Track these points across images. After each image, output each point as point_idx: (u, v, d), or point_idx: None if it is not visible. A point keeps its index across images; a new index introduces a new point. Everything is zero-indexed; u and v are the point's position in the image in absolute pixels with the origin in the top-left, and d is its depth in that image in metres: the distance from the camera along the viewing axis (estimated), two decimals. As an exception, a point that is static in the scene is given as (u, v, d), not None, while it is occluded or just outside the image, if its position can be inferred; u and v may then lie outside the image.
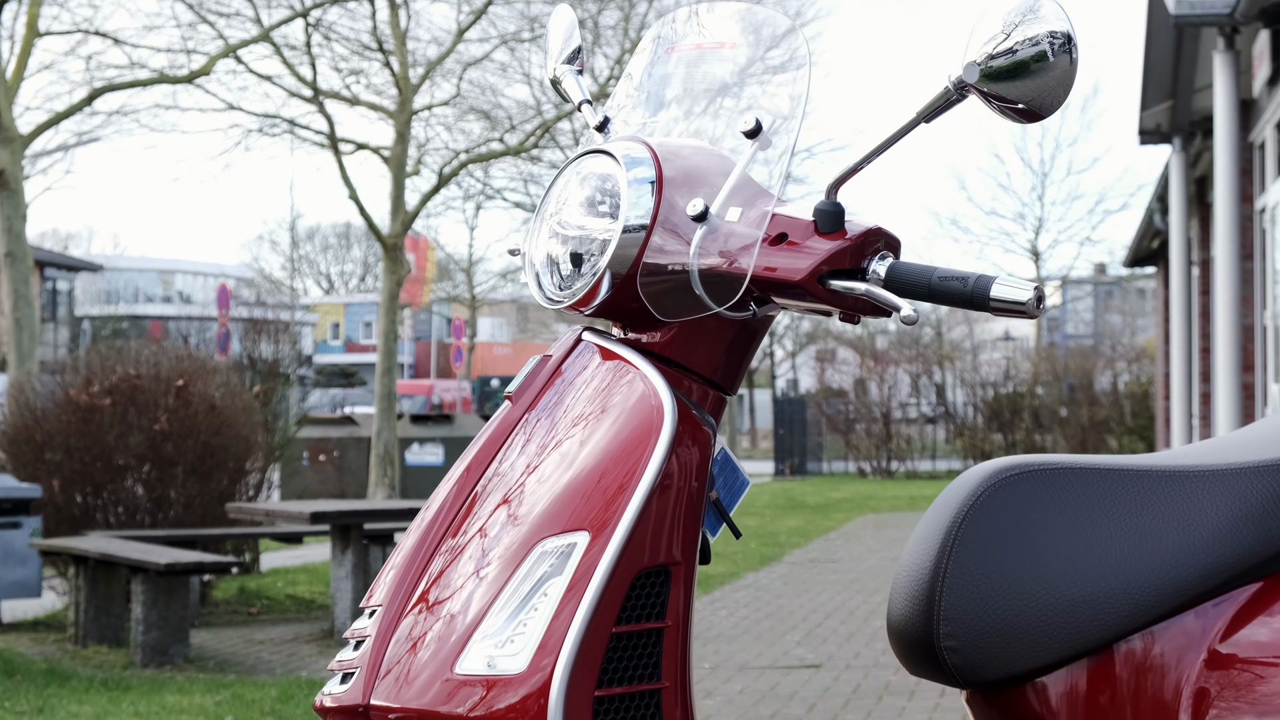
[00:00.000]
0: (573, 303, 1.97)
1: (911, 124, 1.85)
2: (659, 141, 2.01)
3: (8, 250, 16.56)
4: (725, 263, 1.90)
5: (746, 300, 1.93)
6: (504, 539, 1.85)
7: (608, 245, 1.93)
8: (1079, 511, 2.04)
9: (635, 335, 2.00)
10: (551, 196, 2.02)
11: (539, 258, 2.02)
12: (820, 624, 9.05)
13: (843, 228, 1.89)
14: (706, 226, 1.91)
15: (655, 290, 1.93)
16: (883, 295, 1.85)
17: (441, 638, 1.82)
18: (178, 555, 7.93)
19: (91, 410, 10.24)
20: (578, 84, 2.26)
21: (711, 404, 1.98)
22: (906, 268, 1.88)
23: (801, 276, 1.87)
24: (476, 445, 1.97)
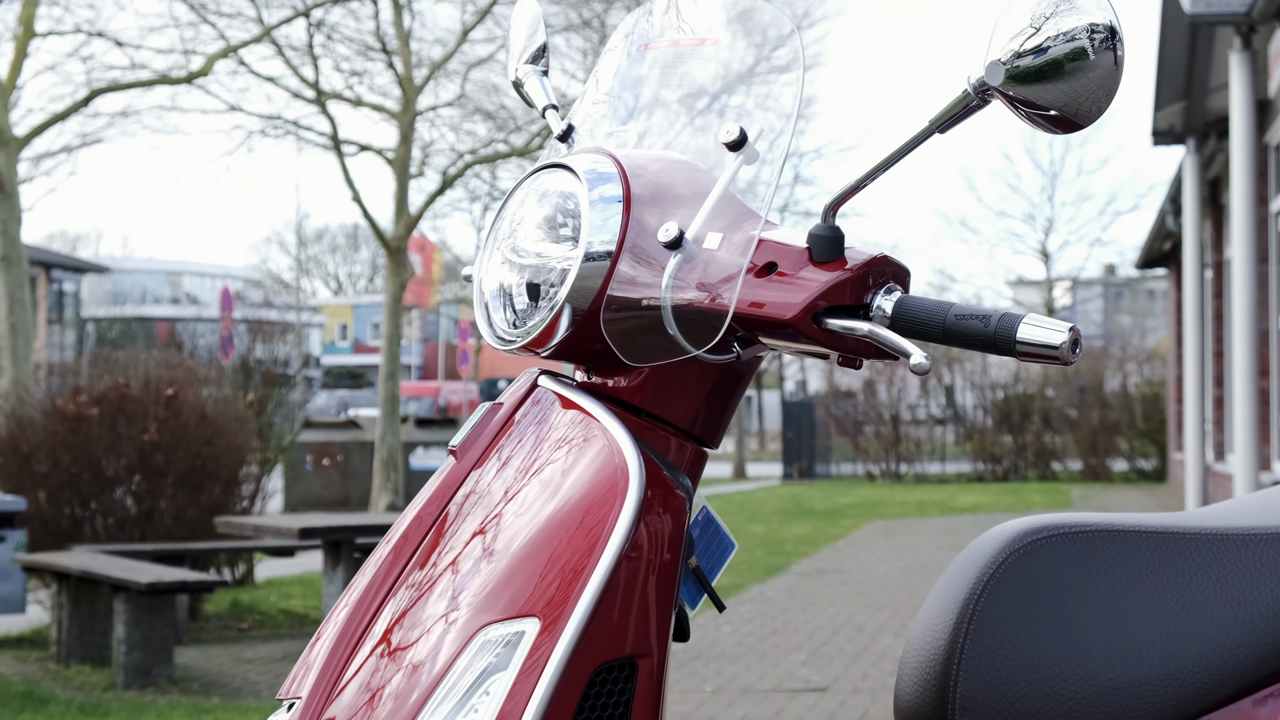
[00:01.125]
0: (526, 343, 1.69)
1: (924, 134, 1.57)
2: (627, 154, 1.73)
3: (3, 254, 16.32)
4: (704, 297, 1.62)
5: (729, 341, 1.65)
6: (441, 624, 1.57)
7: (567, 275, 1.65)
8: (1117, 581, 1.76)
9: (601, 379, 1.72)
10: (505, 217, 1.75)
11: (490, 287, 1.74)
12: (827, 641, 8.78)
13: (841, 256, 1.62)
14: (681, 254, 1.63)
15: (622, 329, 1.65)
16: (888, 337, 1.57)
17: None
18: (161, 573, 7.66)
19: (79, 420, 9.98)
20: (542, 87, 1.98)
21: (689, 461, 1.70)
22: (917, 304, 1.60)
23: (793, 314, 1.59)
24: (415, 507, 1.70)
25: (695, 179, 1.72)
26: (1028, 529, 1.78)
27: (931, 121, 1.56)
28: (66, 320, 51.02)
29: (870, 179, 1.61)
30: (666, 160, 1.75)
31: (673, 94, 1.81)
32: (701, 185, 1.71)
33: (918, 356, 1.53)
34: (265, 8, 19.08)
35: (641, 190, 1.68)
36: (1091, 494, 24.44)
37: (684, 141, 1.79)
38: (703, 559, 1.78)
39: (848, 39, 62.63)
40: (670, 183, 1.71)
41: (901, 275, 1.65)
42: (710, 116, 1.79)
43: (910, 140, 1.58)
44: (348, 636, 1.63)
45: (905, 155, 1.59)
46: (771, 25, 1.78)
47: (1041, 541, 1.77)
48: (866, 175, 1.61)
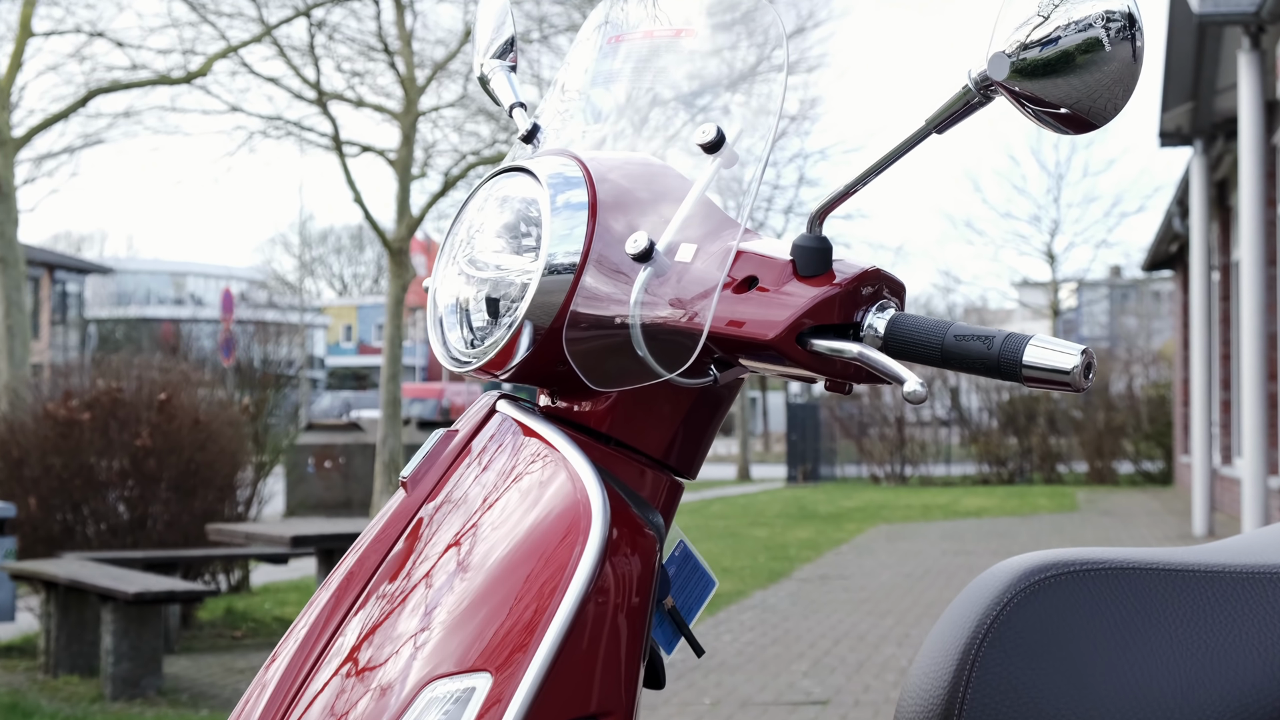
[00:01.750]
0: (483, 364, 1.54)
1: (920, 134, 1.42)
2: (595, 157, 1.58)
3: (1, 256, 16.19)
4: (677, 315, 1.47)
5: (705, 363, 1.50)
6: (384, 678, 1.42)
7: (527, 289, 1.50)
8: (1133, 625, 1.61)
9: (565, 404, 1.57)
10: (462, 224, 1.60)
11: (445, 301, 1.59)
12: (829, 651, 8.62)
13: (829, 270, 1.46)
14: (652, 267, 1.48)
15: (586, 349, 1.50)
16: (880, 360, 1.41)
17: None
18: (149, 583, 7.51)
19: (70, 425, 9.84)
20: (509, 83, 1.83)
21: (663, 494, 1.55)
22: (913, 323, 1.44)
23: (775, 334, 1.44)
24: (362, 545, 1.55)
25: (669, 184, 1.57)
26: (1034, 566, 1.62)
27: (929, 121, 1.40)
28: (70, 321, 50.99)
29: (861, 184, 1.46)
30: (637, 164, 1.60)
31: (646, 91, 1.66)
32: (676, 191, 1.56)
33: (912, 383, 1.38)
34: (265, 7, 18.97)
35: (609, 196, 1.53)
36: (1097, 497, 24.28)
37: (658, 143, 1.64)
38: (679, 598, 1.63)
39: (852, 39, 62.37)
40: (641, 188, 1.56)
41: (895, 290, 1.50)
42: (686, 115, 1.63)
43: (905, 141, 1.43)
44: (286, 687, 1.47)
45: (900, 157, 1.44)
46: (755, 14, 1.63)
47: (1049, 580, 1.61)
48: (857, 180, 1.46)
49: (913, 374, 1.38)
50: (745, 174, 1.54)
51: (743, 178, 1.55)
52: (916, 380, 1.37)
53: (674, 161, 1.61)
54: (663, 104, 1.65)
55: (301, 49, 19.51)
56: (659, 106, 1.65)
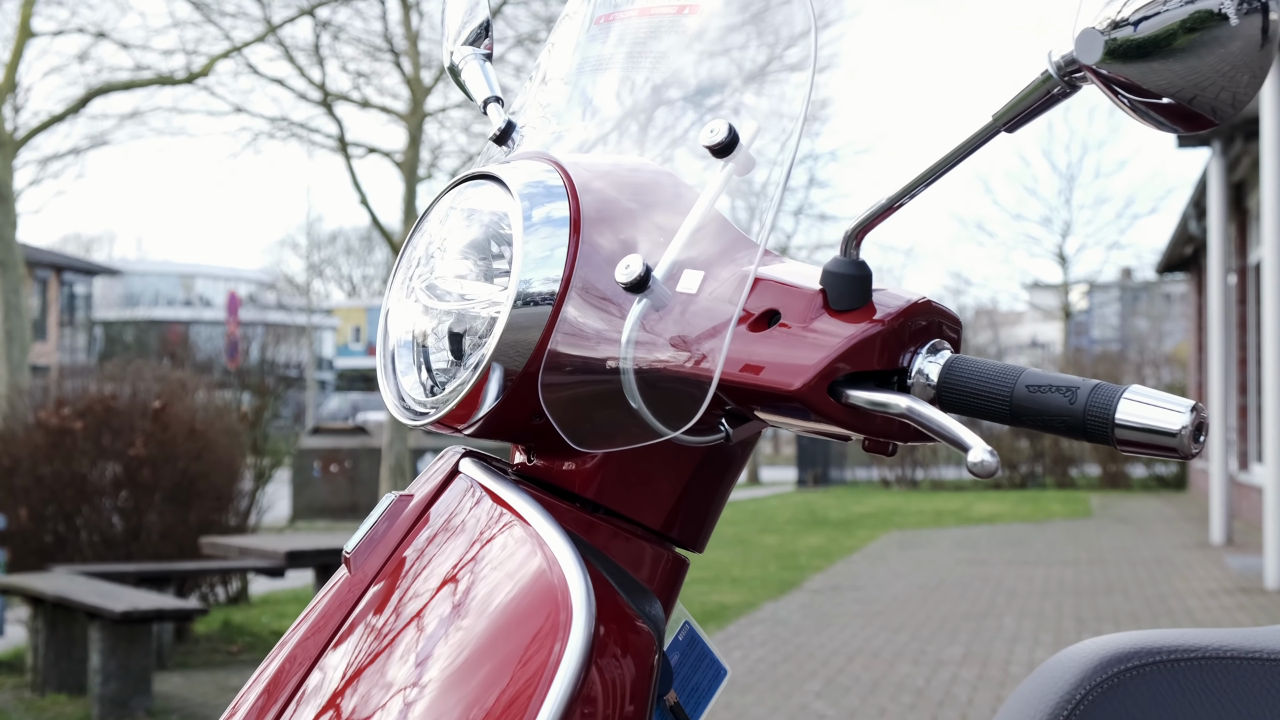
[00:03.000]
0: (442, 416, 1.26)
1: (987, 133, 1.14)
2: (578, 160, 1.30)
3: (0, 259, 15.96)
4: (680, 358, 1.19)
5: (715, 417, 1.22)
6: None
7: (495, 324, 1.22)
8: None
9: (544, 463, 1.29)
10: (420, 240, 1.32)
11: (399, 336, 1.32)
12: (842, 669, 8.34)
13: (869, 302, 1.19)
14: (648, 299, 1.20)
15: (568, 399, 1.22)
16: (933, 418, 1.13)
17: None
18: (137, 600, 7.24)
19: (62, 434, 9.58)
20: (483, 74, 1.55)
21: (663, 574, 1.28)
22: (973, 370, 1.16)
23: (802, 383, 1.16)
24: (296, 634, 1.27)
25: (670, 195, 1.30)
26: (1113, 655, 1.35)
27: (997, 116, 1.12)
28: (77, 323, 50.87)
29: (908, 195, 1.18)
30: (631, 170, 1.32)
31: (643, 81, 1.38)
32: (678, 204, 1.28)
33: (978, 451, 1.09)
34: (269, 7, 18.77)
35: (596, 209, 1.26)
36: (1111, 502, 23.99)
37: (657, 145, 1.36)
38: (684, 692, 1.36)
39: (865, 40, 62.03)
40: (635, 200, 1.28)
41: (950, 328, 1.22)
42: (692, 111, 1.36)
43: (966, 143, 1.14)
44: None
45: (960, 161, 1.16)
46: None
47: (1132, 672, 1.34)
48: (903, 191, 1.18)
49: (977, 437, 1.10)
50: (762, 180, 1.26)
51: (760, 186, 1.27)
52: (984, 447, 1.09)
53: (677, 167, 1.34)
54: (663, 97, 1.37)
55: (306, 49, 19.33)
56: (658, 100, 1.37)
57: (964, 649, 8.98)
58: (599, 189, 1.27)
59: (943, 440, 1.12)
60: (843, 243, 1.19)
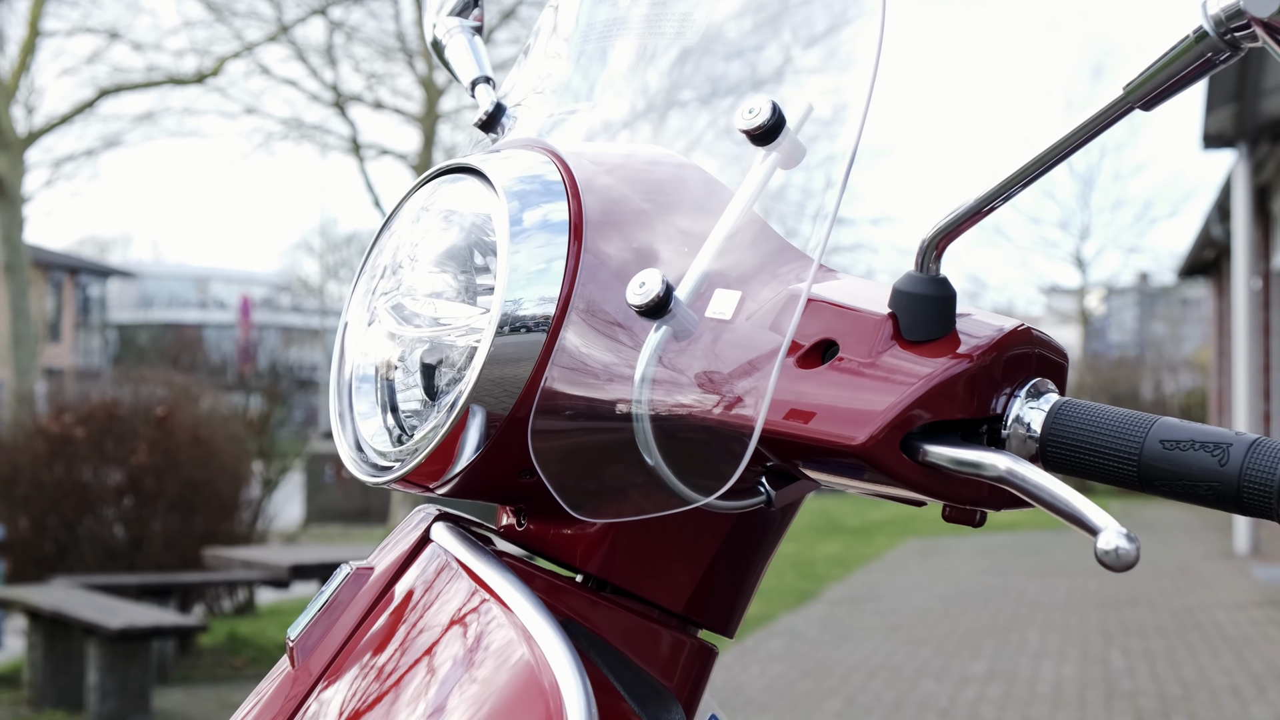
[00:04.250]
0: (409, 471, 1.01)
1: (1116, 110, 0.88)
2: (580, 151, 1.05)
3: (5, 261, 15.78)
4: (709, 402, 0.94)
5: (752, 477, 0.97)
6: None
7: (474, 357, 0.98)
8: None
9: (537, 528, 1.04)
10: (386, 244, 1.08)
11: (359, 364, 1.07)
12: (863, 687, 8.08)
13: (951, 329, 0.94)
14: (670, 325, 0.95)
15: (565, 452, 0.98)
16: (1043, 485, 0.88)
17: None
18: (135, 616, 7.01)
19: (64, 441, 9.35)
20: (471, 50, 1.31)
21: (685, 665, 1.03)
22: (1090, 418, 0.91)
23: (868, 436, 0.91)
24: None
25: (696, 194, 1.05)
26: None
27: (1130, 89, 0.87)
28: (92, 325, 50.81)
29: (1006, 193, 0.92)
30: (647, 161, 1.07)
31: (664, 47, 1.13)
32: (706, 204, 1.03)
33: (1112, 535, 0.83)
34: (280, 7, 18.61)
35: (603, 212, 1.01)
36: (1131, 508, 23.69)
37: (679, 129, 1.11)
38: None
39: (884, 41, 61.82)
40: (652, 200, 1.04)
41: (1053, 363, 0.97)
42: (724, 88, 1.10)
43: (1088, 124, 0.89)
44: None
45: (1080, 147, 0.90)
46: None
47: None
48: (1000, 188, 0.92)
49: (1105, 514, 0.84)
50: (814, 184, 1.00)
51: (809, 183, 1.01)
52: (1118, 529, 0.83)
53: (705, 159, 1.08)
54: (690, 69, 1.11)
55: (319, 50, 19.17)
56: (684, 73, 1.12)
57: (988, 665, 8.72)
58: (607, 185, 1.02)
59: (1055, 514, 0.87)
60: (919, 255, 0.94)
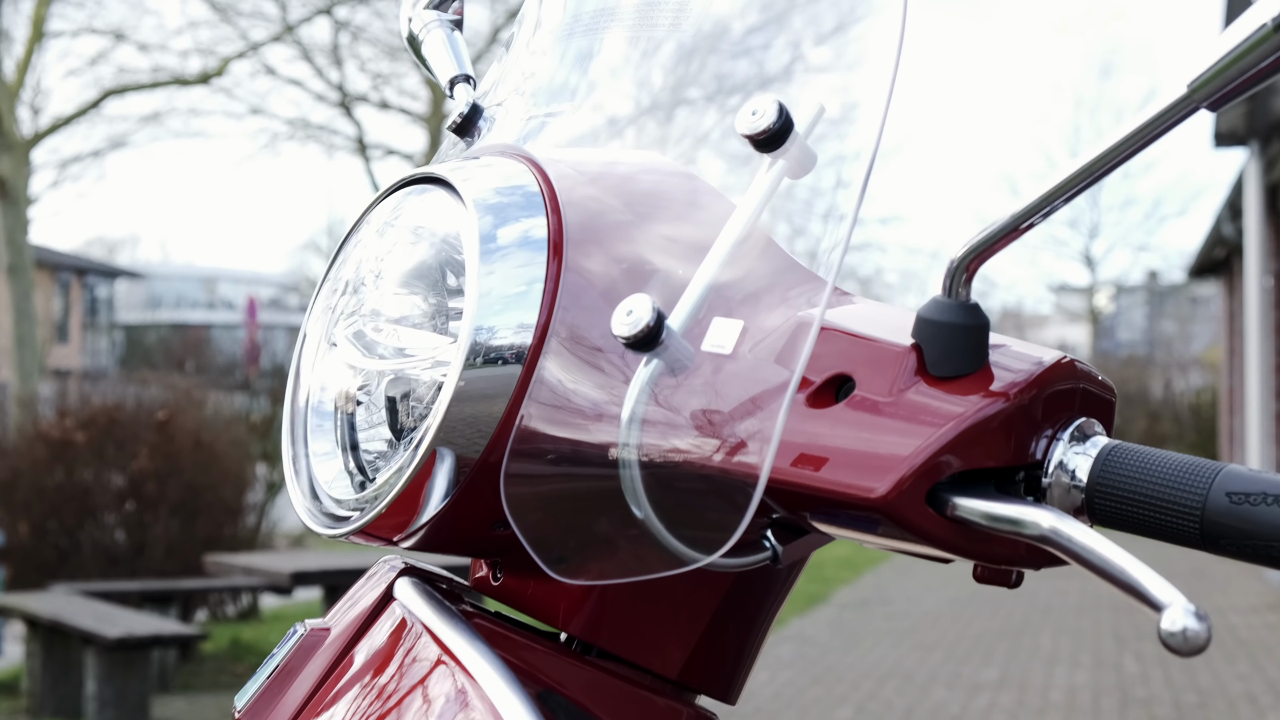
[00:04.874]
0: (366, 524, 0.90)
1: (1179, 110, 0.76)
2: (561, 158, 0.94)
3: (9, 263, 15.69)
4: (708, 447, 0.83)
5: (755, 530, 0.85)
6: None
7: (441, 392, 0.86)
8: None
9: (513, 584, 0.93)
10: (351, 255, 0.96)
11: (315, 395, 0.95)
12: (874, 693, 7.97)
13: (984, 363, 0.82)
14: (662, 359, 0.83)
15: (543, 501, 0.87)
16: (1095, 550, 0.76)
17: None
18: (134, 624, 6.90)
19: (65, 445, 9.25)
20: (450, 47, 1.19)
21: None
22: (1144, 465, 0.80)
23: (889, 487, 0.80)
24: None
25: (693, 208, 0.93)
26: None
27: (1194, 87, 0.75)
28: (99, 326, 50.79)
29: (1047, 207, 0.80)
30: (639, 171, 0.96)
31: (660, 40, 1.01)
32: (705, 219, 0.91)
33: (1180, 614, 0.71)
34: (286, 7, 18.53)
35: (587, 228, 0.90)
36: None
37: (675, 133, 0.99)
38: None
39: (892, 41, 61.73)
40: (644, 214, 0.92)
41: (1099, 400, 0.85)
42: (725, 88, 0.99)
43: (1146, 127, 0.77)
44: None
45: (1137, 153, 0.78)
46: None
47: None
48: (1043, 201, 0.80)
49: (1170, 586, 0.72)
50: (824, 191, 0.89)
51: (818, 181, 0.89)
52: (1185, 605, 0.71)
53: (704, 167, 0.97)
54: (684, 69, 1.00)
55: (325, 50, 19.09)
56: (677, 74, 1.00)
57: (1000, 671, 8.60)
58: (591, 197, 0.91)
59: (1109, 583, 0.75)
60: (946, 277, 0.82)
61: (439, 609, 0.91)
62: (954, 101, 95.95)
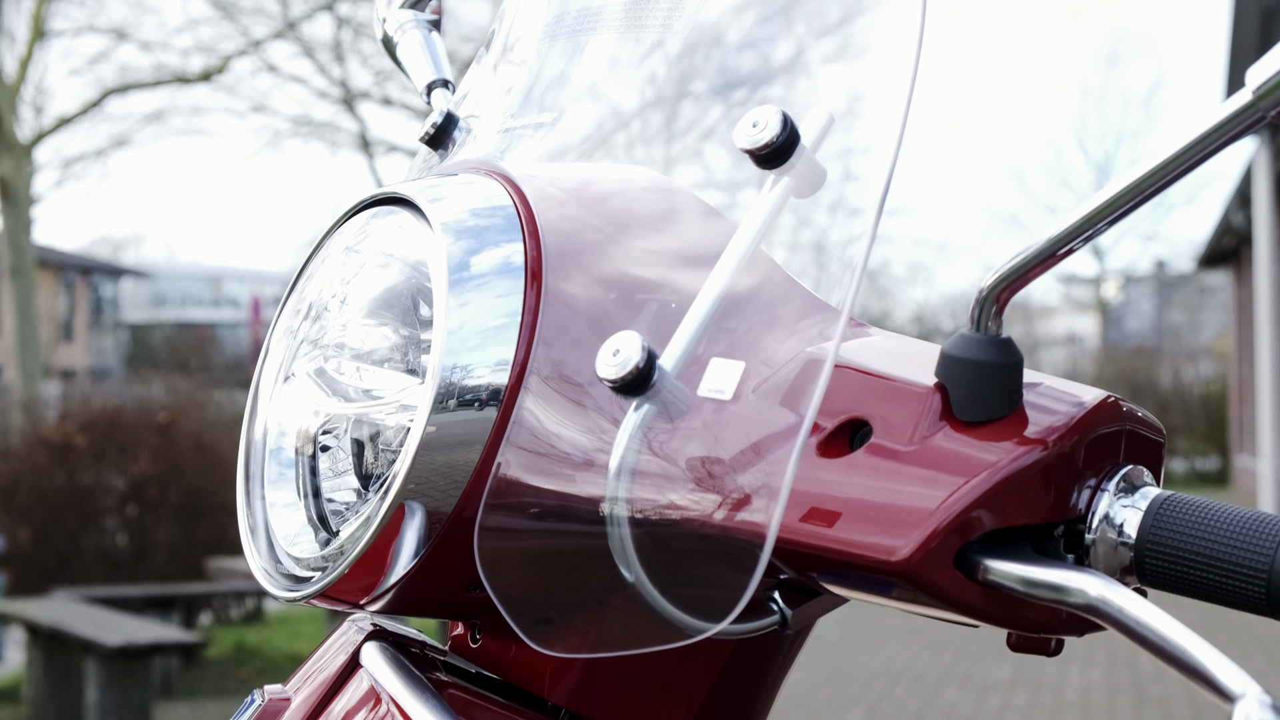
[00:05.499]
0: (327, 586, 0.81)
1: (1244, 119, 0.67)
2: (538, 174, 0.84)
3: (12, 264, 15.62)
4: (706, 503, 0.73)
5: (763, 593, 0.76)
6: None
7: (408, 439, 0.77)
8: None
9: (495, 647, 0.84)
10: (316, 274, 0.88)
11: (273, 437, 0.86)
12: (886, 694, 7.87)
13: (1018, 405, 0.73)
14: (654, 403, 0.74)
15: (521, 560, 0.77)
16: (1151, 624, 0.67)
17: None
18: (135, 631, 6.81)
19: (65, 449, 9.17)
20: (427, 48, 1.10)
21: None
22: (1202, 520, 0.70)
23: (911, 550, 0.70)
24: None
25: (688, 230, 0.84)
26: None
27: (1261, 92, 0.65)
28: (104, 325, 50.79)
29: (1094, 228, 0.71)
30: (626, 188, 0.86)
31: (650, 45, 0.91)
32: (702, 243, 0.82)
33: (1253, 706, 0.62)
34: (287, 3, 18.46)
35: (569, 254, 0.80)
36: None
37: (667, 146, 0.90)
38: None
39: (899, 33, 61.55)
40: (633, 238, 0.83)
41: (1147, 444, 0.76)
42: (723, 94, 0.89)
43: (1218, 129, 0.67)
44: None
45: (1217, 150, 0.68)
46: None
47: None
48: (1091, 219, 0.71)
49: (1240, 672, 0.63)
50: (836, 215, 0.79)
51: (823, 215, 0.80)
52: (1261, 698, 0.62)
53: (701, 183, 0.88)
54: (676, 74, 0.91)
55: (326, 46, 19.03)
56: (669, 79, 0.91)
57: (1013, 670, 8.50)
58: (574, 219, 0.82)
59: (1167, 663, 0.66)
60: (975, 308, 0.73)
61: (408, 679, 0.82)
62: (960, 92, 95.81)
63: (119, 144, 19.99)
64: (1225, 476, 27.26)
